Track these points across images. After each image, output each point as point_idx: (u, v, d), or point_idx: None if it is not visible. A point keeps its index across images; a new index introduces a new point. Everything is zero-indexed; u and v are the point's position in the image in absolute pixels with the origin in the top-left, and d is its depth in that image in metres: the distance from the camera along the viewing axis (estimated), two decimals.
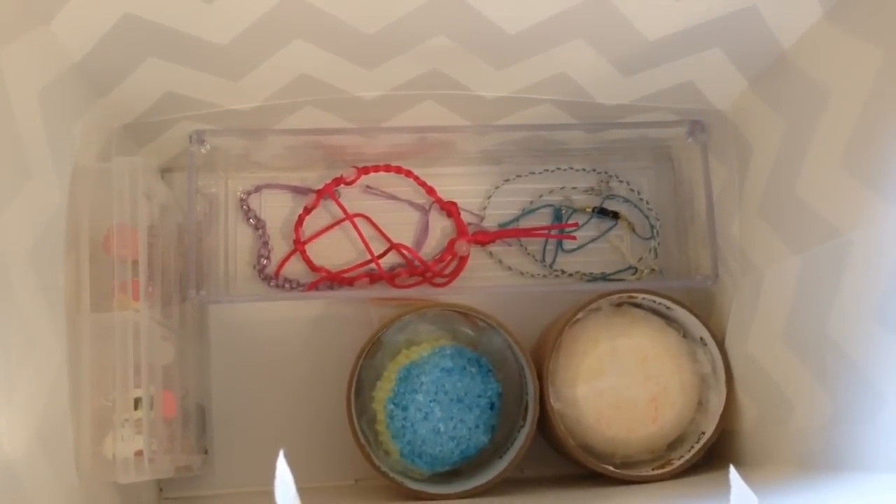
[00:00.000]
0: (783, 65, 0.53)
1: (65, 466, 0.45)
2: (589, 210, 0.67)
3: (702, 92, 0.58)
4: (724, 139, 0.60)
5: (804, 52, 0.51)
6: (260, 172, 0.66)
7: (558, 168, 0.67)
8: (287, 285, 0.65)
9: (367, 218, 0.66)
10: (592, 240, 0.67)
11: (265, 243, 0.66)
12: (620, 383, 0.58)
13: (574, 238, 0.67)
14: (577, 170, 0.68)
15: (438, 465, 0.59)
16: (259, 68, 0.53)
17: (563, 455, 0.61)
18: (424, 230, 0.67)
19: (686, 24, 0.51)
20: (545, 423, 0.58)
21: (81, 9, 0.45)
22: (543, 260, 0.67)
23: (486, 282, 0.66)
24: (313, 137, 0.62)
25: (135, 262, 0.50)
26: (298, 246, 0.65)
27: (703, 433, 0.58)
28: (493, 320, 0.58)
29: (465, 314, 0.60)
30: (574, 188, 0.68)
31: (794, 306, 0.51)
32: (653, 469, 0.58)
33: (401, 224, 0.66)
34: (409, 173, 0.66)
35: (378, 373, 0.59)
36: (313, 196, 0.66)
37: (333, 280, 0.65)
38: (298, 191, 0.66)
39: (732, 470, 0.33)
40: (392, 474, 0.56)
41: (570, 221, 0.67)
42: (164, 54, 0.51)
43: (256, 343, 0.65)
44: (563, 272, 0.67)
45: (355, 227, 0.65)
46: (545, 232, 0.66)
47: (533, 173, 0.67)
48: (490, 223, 0.67)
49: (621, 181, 0.68)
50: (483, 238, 0.66)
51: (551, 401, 0.57)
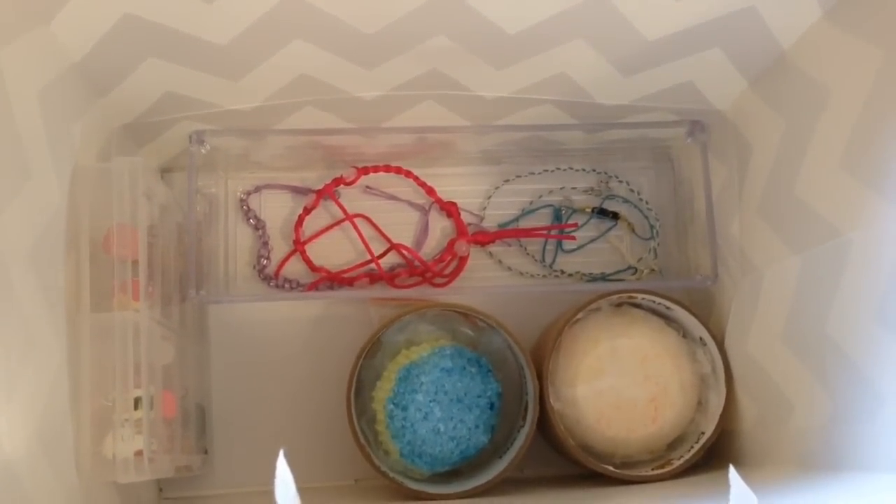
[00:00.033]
0: (783, 65, 0.53)
1: (65, 466, 0.45)
2: (589, 210, 0.67)
3: (701, 92, 0.58)
4: (723, 139, 0.60)
5: (804, 53, 0.51)
6: (260, 172, 0.66)
7: (558, 168, 0.67)
8: (287, 285, 0.65)
9: (367, 218, 0.66)
10: (592, 240, 0.67)
11: (265, 243, 0.66)
12: (620, 383, 0.58)
13: (574, 238, 0.67)
14: (577, 170, 0.68)
15: (438, 465, 0.59)
16: (259, 68, 0.53)
17: (562, 455, 0.61)
18: (424, 230, 0.67)
19: (686, 24, 0.51)
20: (545, 423, 0.58)
21: (81, 9, 0.45)
22: (543, 260, 0.67)
23: (485, 282, 0.66)
24: (313, 137, 0.62)
25: (135, 262, 0.50)
26: (298, 246, 0.65)
27: (703, 433, 0.58)
28: (493, 320, 0.58)
29: (465, 314, 0.60)
30: (574, 188, 0.68)
31: (794, 306, 0.51)
32: (652, 469, 0.58)
33: (401, 224, 0.66)
34: (408, 173, 0.66)
35: (378, 373, 0.59)
36: (313, 196, 0.66)
37: (333, 280, 0.65)
38: (298, 191, 0.66)
39: (732, 470, 0.33)
40: (392, 474, 0.56)
41: (570, 222, 0.67)
42: (164, 54, 0.51)
43: (256, 343, 0.65)
44: (562, 272, 0.67)
45: (355, 227, 0.65)
46: (545, 232, 0.66)
47: (533, 173, 0.67)
48: (490, 223, 0.67)
49: (621, 181, 0.68)
50: (483, 238, 0.66)
51: (551, 401, 0.57)
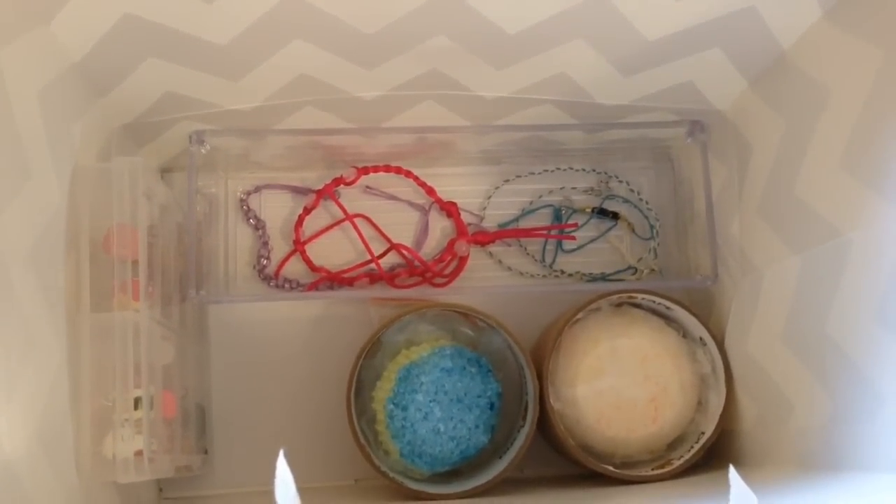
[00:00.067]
0: (783, 65, 0.53)
1: (65, 466, 0.45)
2: (589, 210, 0.67)
3: (701, 92, 0.58)
4: (723, 139, 0.60)
5: (804, 53, 0.51)
6: (260, 172, 0.66)
7: (558, 168, 0.67)
8: (287, 285, 0.65)
9: (367, 218, 0.66)
10: (592, 240, 0.67)
11: (265, 243, 0.66)
12: (620, 383, 0.58)
13: (574, 238, 0.67)
14: (577, 170, 0.68)
15: (438, 465, 0.59)
16: (259, 68, 0.53)
17: (562, 455, 0.61)
18: (424, 230, 0.67)
19: (686, 24, 0.51)
20: (545, 423, 0.58)
21: (81, 9, 0.45)
22: (543, 260, 0.67)
23: (485, 282, 0.66)
24: (313, 137, 0.62)
25: (135, 262, 0.50)
26: (298, 246, 0.65)
27: (703, 433, 0.58)
28: (493, 320, 0.58)
29: (465, 314, 0.60)
30: (574, 188, 0.68)
31: (794, 306, 0.51)
32: (652, 469, 0.58)
33: (400, 224, 0.66)
34: (408, 173, 0.66)
35: (378, 373, 0.59)
36: (313, 196, 0.66)
37: (333, 280, 0.65)
38: (298, 191, 0.66)
39: (732, 470, 0.33)
40: (392, 474, 0.56)
41: (570, 222, 0.67)
42: (164, 54, 0.51)
43: (256, 343, 0.65)
44: (562, 272, 0.67)
45: (355, 227, 0.65)
46: (545, 232, 0.66)
47: (533, 173, 0.67)
48: (490, 223, 0.67)
49: (621, 181, 0.68)
50: (483, 238, 0.66)
51: (551, 401, 0.57)
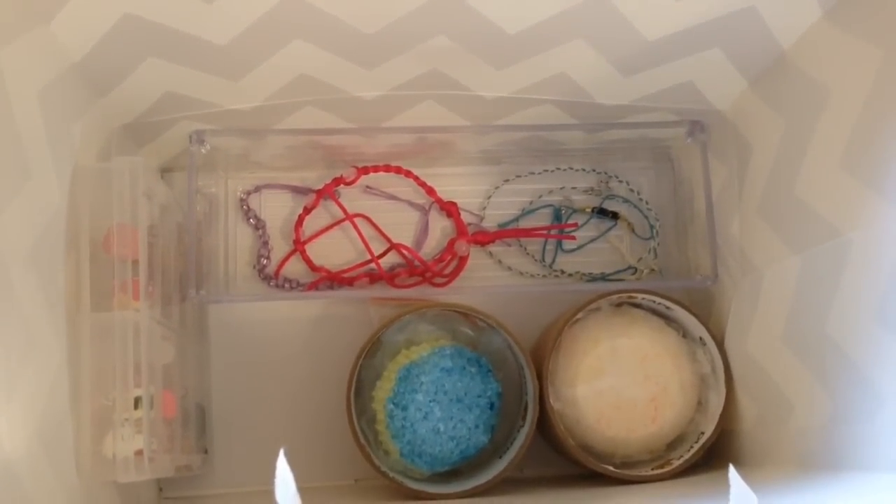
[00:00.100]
0: (783, 65, 0.53)
1: (65, 466, 0.45)
2: (588, 210, 0.67)
3: (701, 92, 0.58)
4: (723, 139, 0.60)
5: (804, 53, 0.51)
6: (260, 172, 0.66)
7: (558, 168, 0.67)
8: (287, 285, 0.65)
9: (367, 218, 0.66)
10: (592, 240, 0.67)
11: (265, 243, 0.66)
12: (620, 383, 0.58)
13: (574, 238, 0.67)
14: (577, 170, 0.68)
15: (438, 464, 0.59)
16: (259, 68, 0.53)
17: (562, 455, 0.61)
18: (424, 230, 0.67)
19: (686, 24, 0.51)
20: (545, 423, 0.58)
21: (81, 8, 0.45)
22: (543, 260, 0.67)
23: (485, 282, 0.66)
24: (313, 137, 0.62)
25: (135, 262, 0.50)
26: (298, 246, 0.65)
27: (703, 433, 0.58)
28: (493, 320, 0.58)
29: (465, 314, 0.60)
30: (574, 188, 0.68)
31: (794, 306, 0.51)
32: (652, 469, 0.58)
33: (401, 224, 0.66)
34: (408, 173, 0.66)
35: (378, 373, 0.59)
36: (313, 196, 0.66)
37: (333, 280, 0.65)
38: (298, 191, 0.66)
39: (732, 469, 0.33)
40: (392, 474, 0.56)
41: (570, 221, 0.67)
42: (164, 54, 0.51)
43: (256, 343, 0.65)
44: (562, 272, 0.67)
45: (355, 227, 0.65)
46: (545, 232, 0.66)
47: (533, 173, 0.67)
48: (490, 223, 0.67)
49: (621, 181, 0.68)
50: (483, 238, 0.66)
51: (551, 401, 0.57)
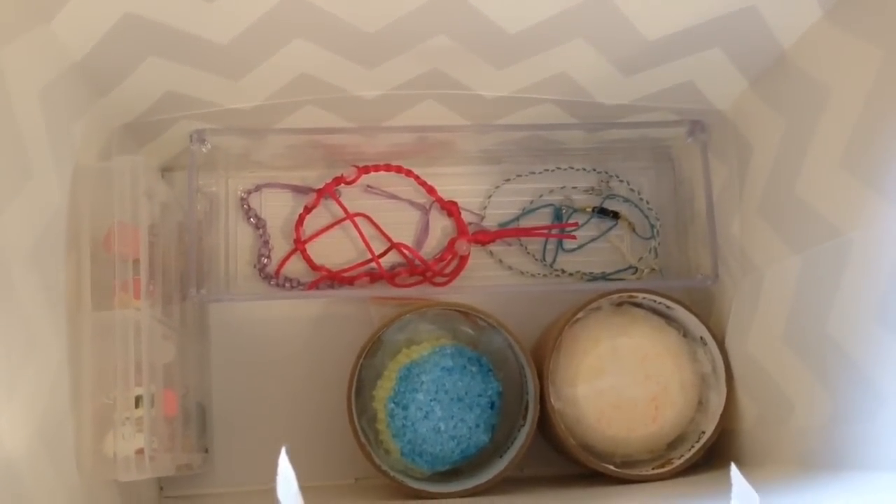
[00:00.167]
0: (783, 65, 0.53)
1: (66, 464, 0.45)
2: (589, 210, 0.67)
3: (702, 92, 0.58)
4: (724, 139, 0.60)
5: (804, 52, 0.51)
6: (260, 171, 0.66)
7: (558, 168, 0.67)
8: (287, 284, 0.65)
9: (368, 217, 0.66)
10: (593, 239, 0.67)
11: (265, 242, 0.66)
12: (621, 383, 0.58)
13: (574, 238, 0.67)
14: (578, 169, 0.68)
15: (439, 464, 0.59)
16: (259, 67, 0.53)
17: (563, 454, 0.61)
18: (425, 229, 0.67)
19: (686, 23, 0.51)
20: (545, 423, 0.58)
21: (82, 8, 0.45)
22: (544, 259, 0.67)
23: (486, 281, 0.66)
24: (313, 137, 0.62)
25: (136, 261, 0.50)
26: (299, 245, 0.65)
27: (703, 433, 0.58)
28: (494, 319, 0.58)
29: (466, 313, 0.60)
30: (574, 188, 0.68)
31: (795, 306, 0.51)
32: (653, 468, 0.58)
33: (401, 223, 0.66)
34: (409, 173, 0.66)
35: (378, 372, 0.59)
36: (314, 195, 0.66)
37: (334, 279, 0.65)
38: (299, 190, 0.66)
39: (734, 468, 0.33)
40: (392, 473, 0.56)
41: (571, 221, 0.67)
42: (164, 53, 0.51)
43: (257, 342, 0.65)
44: (563, 272, 0.67)
45: (356, 226, 0.65)
46: (545, 231, 0.67)
47: (533, 173, 0.67)
48: (490, 223, 0.67)
49: (621, 181, 0.68)
50: (483, 237, 0.66)
51: (552, 400, 0.57)
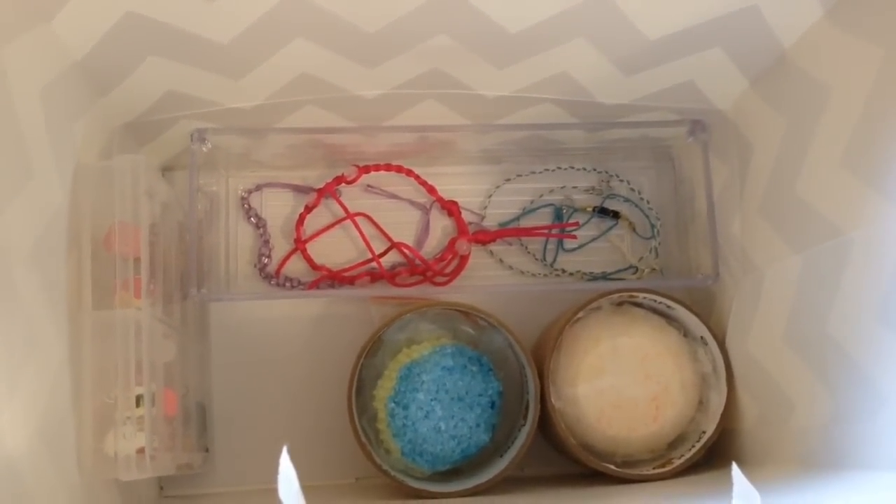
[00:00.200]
0: (784, 64, 0.53)
1: (66, 463, 0.45)
2: (589, 209, 0.67)
3: (702, 91, 0.58)
4: (724, 139, 0.60)
5: (805, 52, 0.51)
6: (261, 171, 0.66)
7: (559, 167, 0.67)
8: (288, 284, 0.65)
9: (368, 217, 0.66)
10: (593, 239, 0.67)
11: (266, 242, 0.66)
12: (621, 382, 0.58)
13: (575, 237, 0.67)
14: (578, 169, 0.68)
15: (439, 463, 0.59)
16: (260, 67, 0.53)
17: (563, 454, 0.61)
18: (425, 229, 0.67)
19: (687, 23, 0.51)
20: (546, 422, 0.58)
21: (83, 7, 0.45)
22: (544, 259, 0.67)
23: (486, 281, 0.66)
24: (314, 136, 0.62)
25: (136, 260, 0.50)
26: (299, 244, 0.65)
27: (704, 432, 0.58)
28: (494, 319, 0.58)
29: (466, 313, 0.60)
30: (575, 187, 0.68)
31: (795, 305, 0.51)
32: (653, 468, 0.58)
33: (402, 223, 0.66)
34: (409, 172, 0.66)
35: (379, 371, 0.59)
36: (314, 195, 0.66)
37: (334, 279, 0.65)
38: (299, 189, 0.66)
39: (735, 467, 0.33)
40: (393, 473, 0.56)
41: (571, 221, 0.67)
42: (165, 53, 0.51)
43: (257, 341, 0.65)
44: (563, 271, 0.67)
45: (356, 225, 0.65)
46: (546, 231, 0.67)
47: (533, 172, 0.67)
48: (491, 222, 0.67)
49: (622, 180, 0.68)
50: (484, 237, 0.66)
51: (552, 399, 0.57)
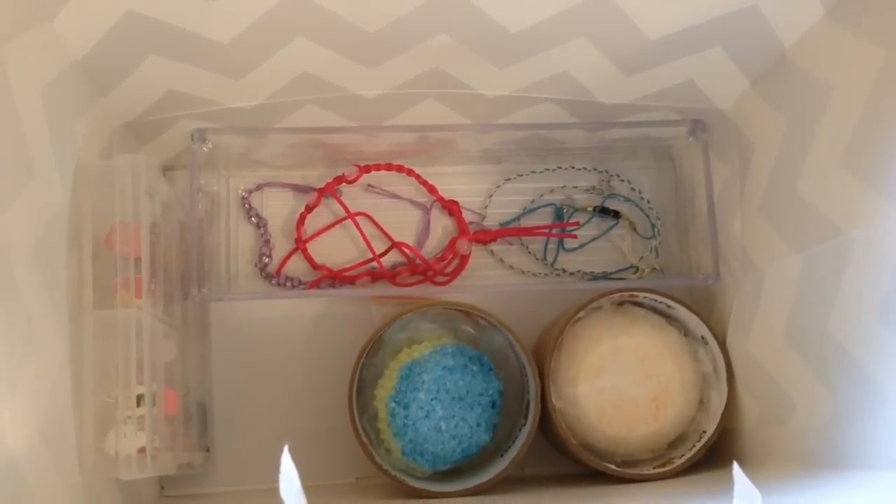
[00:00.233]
0: (784, 64, 0.53)
1: (67, 463, 0.45)
2: (590, 209, 0.67)
3: (703, 91, 0.58)
4: (725, 138, 0.60)
5: (805, 52, 0.51)
6: (261, 171, 0.66)
7: (559, 167, 0.67)
8: (288, 283, 0.65)
9: (369, 216, 0.66)
10: (593, 239, 0.67)
11: (266, 241, 0.66)
12: (622, 382, 0.58)
13: (575, 237, 0.67)
14: (579, 169, 0.68)
15: (440, 463, 0.59)
16: (261, 66, 0.53)
17: (564, 454, 0.61)
18: (426, 229, 0.67)
19: (687, 23, 0.51)
20: (546, 422, 0.58)
21: (84, 6, 0.45)
22: (545, 259, 0.67)
23: (487, 280, 0.66)
24: (314, 136, 0.62)
25: (137, 260, 0.50)
26: (300, 244, 0.65)
27: (705, 432, 0.58)
28: (495, 319, 0.58)
29: (467, 312, 0.60)
30: (575, 187, 0.68)
31: (796, 305, 0.51)
32: (654, 468, 0.58)
33: (402, 223, 0.66)
34: (410, 172, 0.66)
35: (379, 371, 0.59)
36: (315, 194, 0.66)
37: (335, 278, 0.65)
38: (300, 189, 0.66)
39: (736, 467, 0.33)
40: (393, 472, 0.56)
41: (572, 220, 0.67)
42: (166, 52, 0.51)
43: (258, 341, 0.65)
44: (564, 271, 0.67)
45: (357, 225, 0.65)
46: (546, 231, 0.67)
47: (534, 172, 0.67)
48: (491, 222, 0.67)
49: (622, 180, 0.68)
50: (484, 237, 0.66)
51: (552, 399, 0.57)
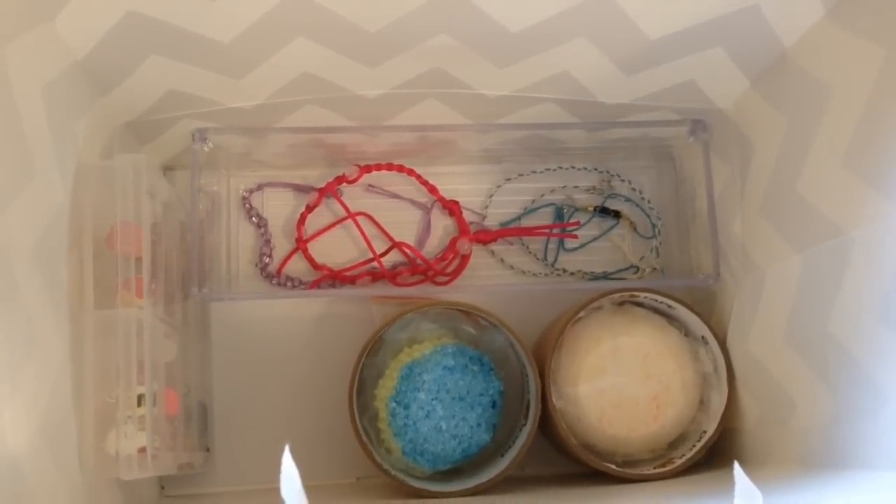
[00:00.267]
0: (785, 64, 0.53)
1: (68, 462, 0.45)
2: (590, 209, 0.67)
3: (703, 91, 0.58)
4: (725, 138, 0.60)
5: (806, 51, 0.51)
6: (262, 170, 0.66)
7: (560, 167, 0.67)
8: (289, 283, 0.65)
9: (369, 216, 0.66)
10: (594, 239, 0.67)
11: (267, 241, 0.66)
12: (622, 382, 0.58)
13: (576, 237, 0.67)
14: (579, 169, 0.68)
15: (440, 463, 0.59)
16: (261, 66, 0.53)
17: (564, 454, 0.61)
18: (426, 229, 0.67)
19: (688, 23, 0.51)
20: (547, 422, 0.58)
21: (85, 6, 0.45)
22: (545, 259, 0.67)
23: (487, 280, 0.66)
24: (315, 136, 0.62)
25: (138, 260, 0.50)
26: (300, 244, 0.65)
27: (705, 432, 0.58)
28: (495, 319, 0.58)
29: (467, 312, 0.60)
30: (576, 187, 0.68)
31: (796, 305, 0.51)
32: (654, 468, 0.58)
33: (403, 223, 0.66)
34: (411, 172, 0.66)
35: (380, 371, 0.59)
36: (315, 194, 0.66)
37: (335, 278, 0.65)
38: (300, 189, 0.66)
39: (737, 466, 0.33)
40: (394, 472, 0.56)
41: (572, 220, 0.67)
42: (166, 52, 0.51)
43: (258, 341, 0.65)
44: (564, 271, 0.67)
45: (357, 225, 0.65)
46: (547, 231, 0.67)
47: (534, 172, 0.67)
48: (492, 222, 0.67)
49: (623, 180, 0.68)
50: (485, 237, 0.66)
51: (553, 399, 0.57)
